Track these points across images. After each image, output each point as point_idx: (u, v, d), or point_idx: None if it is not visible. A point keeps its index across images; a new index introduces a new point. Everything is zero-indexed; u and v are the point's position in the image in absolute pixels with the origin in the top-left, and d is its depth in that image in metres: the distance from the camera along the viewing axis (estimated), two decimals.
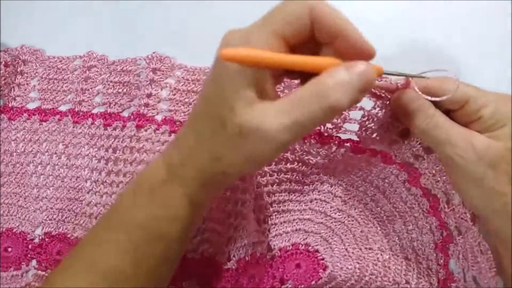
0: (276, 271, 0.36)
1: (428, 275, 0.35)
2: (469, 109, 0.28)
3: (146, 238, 0.29)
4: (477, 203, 0.29)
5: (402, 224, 0.36)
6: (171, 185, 0.29)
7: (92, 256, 0.30)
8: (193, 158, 0.28)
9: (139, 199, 0.30)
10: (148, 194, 0.29)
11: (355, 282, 0.35)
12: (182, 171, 0.28)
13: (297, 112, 0.23)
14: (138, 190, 0.30)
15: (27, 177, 0.44)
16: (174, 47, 0.44)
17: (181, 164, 0.28)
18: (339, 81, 0.23)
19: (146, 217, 0.29)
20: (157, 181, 0.29)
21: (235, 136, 0.25)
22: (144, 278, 0.29)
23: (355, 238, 0.36)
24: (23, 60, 0.47)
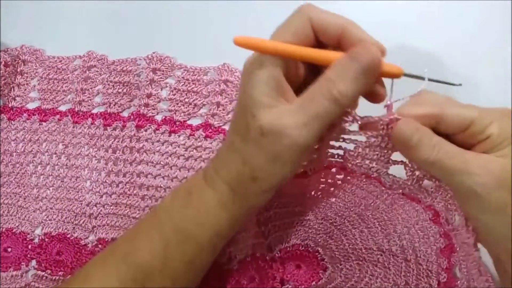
0: (276, 272, 0.36)
1: (428, 277, 0.35)
2: (475, 130, 0.26)
3: (176, 238, 0.30)
4: (501, 231, 0.26)
5: (404, 226, 0.35)
6: (206, 191, 0.30)
7: (126, 249, 0.31)
8: (225, 164, 0.30)
9: (176, 201, 0.32)
10: (185, 196, 0.31)
11: (355, 283, 0.35)
12: (215, 177, 0.30)
13: (308, 109, 0.26)
14: (177, 193, 0.32)
15: (27, 177, 0.44)
16: (174, 47, 0.44)
17: (214, 171, 0.30)
18: (340, 71, 0.25)
19: (179, 218, 0.30)
20: (194, 185, 0.31)
21: (258, 138, 0.27)
22: (170, 279, 0.30)
23: (355, 238, 0.36)
24: (23, 60, 0.47)
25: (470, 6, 0.44)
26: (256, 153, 0.28)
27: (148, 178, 0.41)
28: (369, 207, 0.35)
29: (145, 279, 0.30)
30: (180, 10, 0.47)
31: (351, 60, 0.25)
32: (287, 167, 0.28)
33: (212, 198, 0.30)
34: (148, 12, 0.48)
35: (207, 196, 0.30)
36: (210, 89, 0.43)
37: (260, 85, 0.27)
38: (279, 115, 0.26)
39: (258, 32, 0.29)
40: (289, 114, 0.26)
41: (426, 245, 0.35)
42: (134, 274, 0.30)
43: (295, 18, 0.27)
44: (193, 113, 0.43)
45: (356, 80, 0.25)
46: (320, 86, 0.26)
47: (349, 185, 0.35)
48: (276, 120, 0.26)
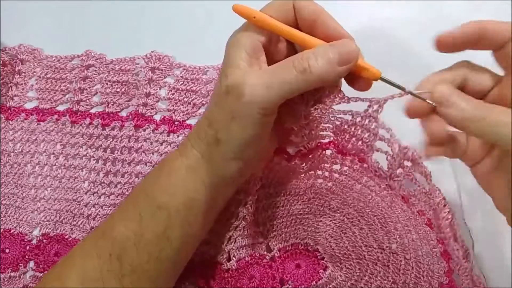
0: (276, 271, 0.36)
1: (429, 276, 0.34)
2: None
3: (149, 209, 0.30)
4: None
5: (405, 225, 0.35)
6: (177, 159, 0.31)
7: (105, 225, 0.32)
8: (195, 129, 0.31)
9: (150, 174, 0.33)
10: (158, 168, 0.33)
11: (355, 282, 0.35)
12: (186, 143, 0.31)
13: (274, 73, 0.27)
14: (154, 168, 0.34)
15: (24, 178, 0.43)
16: (173, 46, 0.44)
17: (187, 138, 0.31)
18: (317, 51, 0.27)
19: (151, 189, 0.31)
20: (168, 157, 0.32)
21: (222, 95, 0.28)
22: (145, 251, 0.30)
23: (355, 235, 0.36)
24: (21, 60, 0.46)
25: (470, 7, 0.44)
26: (219, 113, 0.29)
27: None
28: (369, 204, 0.35)
29: (121, 252, 0.30)
30: (179, 9, 0.47)
31: (331, 46, 0.27)
32: (247, 128, 0.28)
33: (182, 165, 0.30)
34: (147, 11, 0.47)
35: (177, 164, 0.31)
36: (209, 88, 0.42)
37: (239, 49, 0.28)
38: (245, 75, 0.27)
39: None
40: (255, 75, 0.27)
41: (427, 246, 0.34)
42: (111, 247, 0.30)
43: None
44: (192, 112, 0.42)
45: (329, 63, 0.26)
46: (293, 58, 0.27)
47: (346, 179, 0.35)
48: (240, 78, 0.27)
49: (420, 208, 0.34)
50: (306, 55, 0.27)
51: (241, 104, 0.27)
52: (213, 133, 0.29)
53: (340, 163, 0.36)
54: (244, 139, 0.29)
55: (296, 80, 0.27)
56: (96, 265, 0.30)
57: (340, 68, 0.27)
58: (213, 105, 0.30)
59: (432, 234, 0.34)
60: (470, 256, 0.32)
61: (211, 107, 0.30)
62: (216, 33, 0.45)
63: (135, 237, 0.30)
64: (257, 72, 0.28)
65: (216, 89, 0.30)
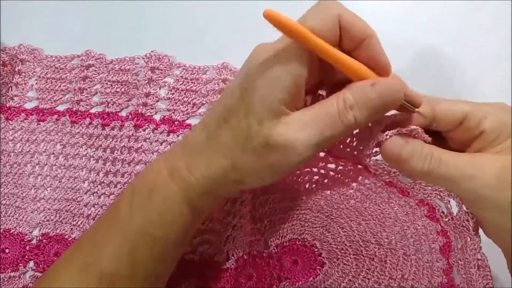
0: (274, 269, 0.36)
1: (428, 273, 0.34)
2: (468, 125, 0.26)
3: (143, 241, 0.28)
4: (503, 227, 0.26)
5: (403, 221, 0.35)
6: (172, 189, 0.28)
7: (87, 257, 0.29)
8: (204, 164, 0.27)
9: (137, 202, 0.29)
10: (147, 197, 0.28)
11: (353, 278, 0.35)
12: (186, 174, 0.27)
13: (322, 128, 0.24)
14: (136, 193, 0.29)
15: (24, 178, 0.43)
16: (172, 46, 0.44)
17: (187, 169, 0.27)
18: (362, 98, 0.24)
19: (143, 221, 0.28)
20: (156, 183, 0.28)
21: (261, 148, 0.25)
22: (140, 279, 0.29)
23: (353, 230, 0.36)
24: (21, 60, 0.46)
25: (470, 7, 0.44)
26: (252, 161, 0.26)
27: None
28: (366, 200, 0.35)
29: (114, 285, 0.28)
30: (179, 8, 0.47)
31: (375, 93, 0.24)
32: (278, 176, 0.27)
33: (178, 196, 0.28)
34: (147, 11, 0.47)
35: (171, 194, 0.28)
36: (209, 88, 0.42)
37: (279, 90, 0.24)
38: (290, 127, 0.24)
39: (257, 31, 0.29)
40: (302, 128, 0.24)
41: (425, 241, 0.35)
42: (99, 283, 0.28)
43: (323, 9, 0.25)
44: (192, 112, 0.42)
45: (373, 113, 0.25)
46: (339, 107, 0.24)
47: (342, 177, 0.35)
48: (286, 133, 0.24)
49: (421, 198, 0.33)
50: (349, 103, 0.24)
51: (287, 161, 0.25)
52: (237, 177, 0.27)
53: (335, 163, 0.36)
54: (273, 181, 0.27)
55: (342, 133, 0.25)
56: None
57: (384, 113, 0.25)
58: (238, 150, 0.26)
59: (432, 227, 0.34)
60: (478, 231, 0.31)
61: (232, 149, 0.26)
62: (216, 33, 0.46)
63: (127, 270, 0.28)
64: (302, 123, 0.25)
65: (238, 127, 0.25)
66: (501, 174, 0.25)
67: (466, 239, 0.31)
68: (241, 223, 0.35)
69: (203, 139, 0.27)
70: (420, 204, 0.35)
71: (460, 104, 0.26)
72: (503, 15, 0.43)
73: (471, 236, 0.31)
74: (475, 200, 0.26)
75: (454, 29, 0.43)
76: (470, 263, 0.31)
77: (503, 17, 0.43)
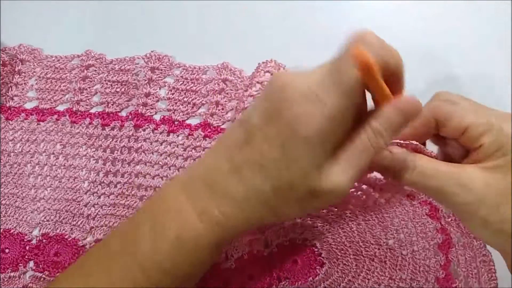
0: (274, 268, 0.36)
1: (425, 271, 0.35)
2: (468, 136, 0.26)
3: (167, 281, 0.27)
4: (490, 242, 0.27)
5: (402, 220, 0.35)
6: (203, 234, 0.26)
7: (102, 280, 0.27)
8: (238, 209, 0.26)
9: (161, 241, 0.27)
10: (174, 240, 0.26)
11: (352, 279, 0.35)
12: (221, 220, 0.26)
13: (359, 164, 0.25)
14: (159, 229, 0.27)
15: (24, 178, 0.43)
16: (172, 46, 0.44)
17: (220, 212, 0.26)
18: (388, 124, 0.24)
19: (171, 264, 0.27)
20: (184, 226, 0.26)
21: (306, 197, 0.25)
22: None
23: (352, 231, 0.36)
24: (21, 60, 0.46)
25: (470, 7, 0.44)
26: (295, 209, 0.26)
27: (146, 179, 0.41)
28: (367, 199, 0.35)
29: None
30: (179, 8, 0.47)
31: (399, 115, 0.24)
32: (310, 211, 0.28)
33: (209, 241, 0.26)
34: (147, 11, 0.47)
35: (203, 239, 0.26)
36: (209, 88, 0.42)
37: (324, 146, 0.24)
38: (333, 174, 0.24)
39: (257, 31, 0.29)
40: (341, 172, 0.24)
41: (423, 240, 0.35)
42: None
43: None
44: (192, 112, 0.42)
45: (399, 130, 0.25)
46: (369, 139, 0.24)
47: None
48: (331, 181, 0.24)
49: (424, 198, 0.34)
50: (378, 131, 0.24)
51: (330, 203, 0.27)
52: (274, 219, 0.27)
53: None
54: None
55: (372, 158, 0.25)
56: None
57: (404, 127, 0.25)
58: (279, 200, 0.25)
59: (432, 225, 0.34)
60: None
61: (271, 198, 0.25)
62: (216, 33, 0.46)
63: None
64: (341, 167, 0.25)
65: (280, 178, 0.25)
66: (481, 192, 0.25)
67: (472, 239, 0.31)
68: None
69: (233, 179, 0.26)
70: (423, 203, 0.35)
71: (467, 115, 0.26)
72: (503, 15, 0.43)
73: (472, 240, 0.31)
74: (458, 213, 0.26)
75: (454, 29, 0.43)
76: (475, 258, 0.32)
77: (503, 17, 0.43)
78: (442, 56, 0.43)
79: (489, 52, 0.42)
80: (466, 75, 0.42)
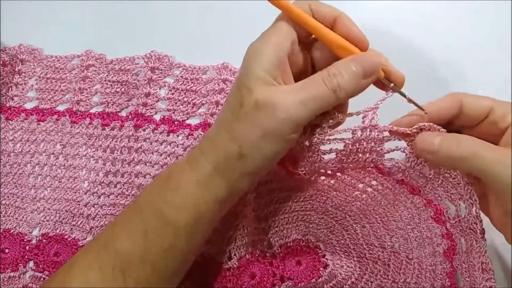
0: (277, 269, 0.36)
1: (431, 277, 0.34)
2: (493, 119, 0.28)
3: (155, 223, 0.29)
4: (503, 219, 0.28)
5: (407, 224, 0.35)
6: (187, 172, 0.30)
7: (107, 236, 0.31)
8: (212, 143, 0.29)
9: (156, 185, 0.31)
10: (165, 179, 0.31)
11: (356, 281, 0.35)
12: (199, 156, 0.29)
13: (308, 89, 0.27)
14: (158, 177, 0.32)
15: (24, 178, 0.43)
16: (172, 46, 0.44)
17: (199, 151, 0.30)
18: (344, 68, 0.27)
19: (158, 202, 0.30)
20: (176, 168, 0.31)
21: (251, 112, 0.27)
22: (150, 265, 0.29)
23: (357, 233, 0.35)
24: (21, 60, 0.46)
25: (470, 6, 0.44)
26: (247, 128, 0.28)
27: (146, 179, 0.41)
28: (371, 202, 0.35)
29: (125, 266, 0.29)
30: (179, 9, 0.47)
31: (355, 62, 0.28)
32: (275, 144, 0.28)
33: (192, 179, 0.29)
34: (147, 11, 0.47)
35: (186, 178, 0.29)
36: (209, 88, 0.42)
37: (263, 61, 0.27)
38: (277, 91, 0.27)
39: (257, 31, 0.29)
40: (288, 91, 0.27)
41: (430, 245, 0.34)
42: (114, 261, 0.29)
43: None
44: (191, 112, 0.42)
45: (355, 78, 0.27)
46: (323, 74, 0.27)
47: (348, 177, 0.35)
48: (273, 94, 0.27)
49: (430, 196, 0.34)
50: (332, 71, 0.27)
51: (275, 121, 0.27)
52: (236, 148, 0.28)
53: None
54: (271, 155, 0.28)
55: (327, 97, 0.27)
56: (98, 278, 0.29)
57: (365, 81, 0.28)
58: (233, 119, 0.28)
59: (437, 230, 0.34)
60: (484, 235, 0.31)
61: (230, 120, 0.28)
62: (216, 33, 0.46)
63: (139, 252, 0.29)
64: (289, 88, 0.28)
65: (234, 102, 0.28)
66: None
67: (472, 242, 0.31)
68: (244, 223, 0.35)
69: (213, 126, 0.30)
70: (428, 205, 0.34)
71: (486, 98, 0.28)
72: (503, 15, 0.43)
73: (478, 239, 0.31)
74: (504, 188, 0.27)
75: (454, 29, 0.43)
76: (475, 266, 0.31)
77: (503, 17, 0.43)
78: (441, 56, 0.43)
79: (489, 52, 0.42)
80: (466, 75, 0.42)
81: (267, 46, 0.28)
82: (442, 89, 0.33)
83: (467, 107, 0.29)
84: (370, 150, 0.31)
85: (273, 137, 0.27)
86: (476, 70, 0.42)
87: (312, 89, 0.27)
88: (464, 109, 0.29)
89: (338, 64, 0.28)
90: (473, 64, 0.42)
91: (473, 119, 0.29)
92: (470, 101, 0.29)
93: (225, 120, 0.29)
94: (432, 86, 0.41)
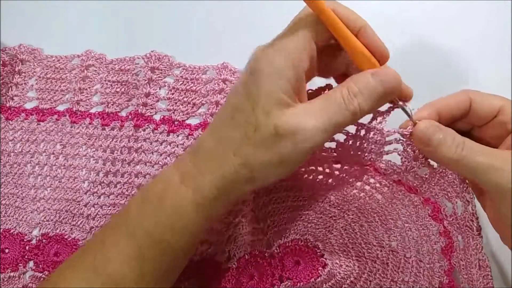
0: (275, 269, 0.36)
1: (429, 276, 0.34)
2: (502, 119, 0.27)
3: (153, 246, 0.28)
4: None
5: (405, 222, 0.35)
6: (183, 194, 0.27)
7: (96, 259, 0.29)
8: (215, 165, 0.27)
9: (147, 206, 0.28)
10: (157, 204, 0.28)
11: (354, 280, 0.35)
12: (197, 176, 0.27)
13: (328, 115, 0.25)
14: (147, 197, 0.29)
15: (24, 178, 0.43)
16: (172, 46, 0.44)
17: (197, 169, 0.27)
18: (365, 87, 0.26)
19: (152, 225, 0.28)
20: (167, 190, 0.28)
21: (270, 138, 0.25)
22: (147, 284, 0.28)
23: (355, 232, 0.35)
24: (21, 60, 0.46)
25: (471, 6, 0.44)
26: (261, 154, 0.26)
27: (146, 179, 0.41)
28: (369, 201, 0.35)
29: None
30: (179, 9, 0.47)
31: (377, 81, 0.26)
32: (289, 169, 0.27)
33: (189, 201, 0.27)
34: (147, 11, 0.47)
35: (183, 199, 0.27)
36: (209, 88, 0.42)
37: (283, 83, 0.25)
38: (297, 115, 0.25)
39: (257, 30, 0.29)
40: (307, 113, 0.25)
41: (427, 243, 0.34)
42: (106, 285, 0.27)
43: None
44: (191, 112, 0.42)
45: (377, 100, 0.26)
46: (343, 93, 0.26)
47: (347, 176, 0.35)
48: (293, 119, 0.25)
49: (427, 194, 0.34)
50: (353, 90, 0.26)
51: (295, 150, 0.25)
52: (247, 173, 0.26)
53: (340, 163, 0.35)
54: (281, 176, 0.27)
55: (348, 121, 0.26)
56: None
57: (383, 101, 0.27)
58: (245, 143, 0.26)
59: (435, 228, 0.34)
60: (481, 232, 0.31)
61: (240, 142, 0.26)
62: (216, 33, 0.46)
63: (134, 276, 0.28)
64: (307, 109, 0.26)
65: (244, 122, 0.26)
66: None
67: (469, 239, 0.31)
68: (243, 223, 0.35)
69: (212, 142, 0.28)
70: (425, 203, 0.34)
71: (496, 98, 0.27)
72: (503, 15, 0.43)
73: (474, 236, 0.31)
74: (497, 192, 0.26)
75: (454, 29, 0.43)
76: (472, 263, 0.31)
77: (503, 17, 0.43)
78: (441, 56, 0.43)
79: (489, 52, 0.42)
80: (466, 75, 0.42)
81: (287, 63, 0.25)
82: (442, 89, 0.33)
83: (476, 106, 0.28)
84: (370, 150, 0.31)
85: (290, 163, 0.26)
86: (476, 69, 0.42)
87: (332, 113, 0.25)
88: (473, 107, 0.28)
89: (359, 80, 0.26)
90: (473, 64, 0.42)
91: (481, 118, 0.28)
92: (480, 99, 0.28)
93: (232, 140, 0.26)
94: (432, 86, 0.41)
